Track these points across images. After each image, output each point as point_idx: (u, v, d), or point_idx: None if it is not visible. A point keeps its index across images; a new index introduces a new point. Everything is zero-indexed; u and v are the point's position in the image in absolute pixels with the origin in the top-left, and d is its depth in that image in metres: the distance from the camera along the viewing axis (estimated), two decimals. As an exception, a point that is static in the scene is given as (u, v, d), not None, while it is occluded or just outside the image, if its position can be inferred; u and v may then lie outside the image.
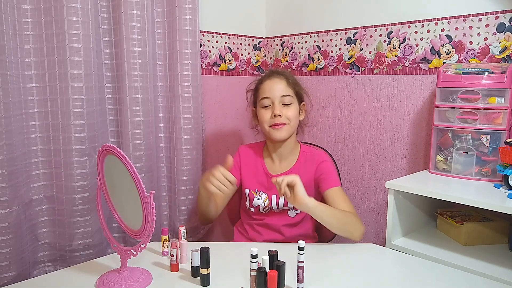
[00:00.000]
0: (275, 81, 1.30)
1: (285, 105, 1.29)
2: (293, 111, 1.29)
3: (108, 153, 0.91)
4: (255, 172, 1.36)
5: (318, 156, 1.33)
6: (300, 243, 0.87)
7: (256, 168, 1.36)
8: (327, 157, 1.36)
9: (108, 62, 1.45)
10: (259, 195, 1.33)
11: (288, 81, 1.31)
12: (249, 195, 1.34)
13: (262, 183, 1.34)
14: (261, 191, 1.34)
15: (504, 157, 1.14)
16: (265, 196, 1.33)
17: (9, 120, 1.18)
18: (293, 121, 1.29)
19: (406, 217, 1.28)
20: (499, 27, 1.30)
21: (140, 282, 0.92)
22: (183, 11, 1.52)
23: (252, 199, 1.34)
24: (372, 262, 1.08)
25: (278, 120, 1.27)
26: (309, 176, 1.30)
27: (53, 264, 1.38)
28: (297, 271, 0.89)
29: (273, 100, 1.28)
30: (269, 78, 1.32)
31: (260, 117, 1.31)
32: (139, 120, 1.46)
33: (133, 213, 0.90)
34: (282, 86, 1.29)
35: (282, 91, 1.29)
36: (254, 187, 1.34)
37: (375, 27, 1.60)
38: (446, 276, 0.99)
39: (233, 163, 1.29)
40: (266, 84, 1.31)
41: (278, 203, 1.31)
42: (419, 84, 1.50)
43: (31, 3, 1.26)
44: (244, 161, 1.37)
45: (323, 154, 1.36)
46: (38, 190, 1.33)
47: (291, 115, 1.28)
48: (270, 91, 1.29)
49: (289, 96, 1.29)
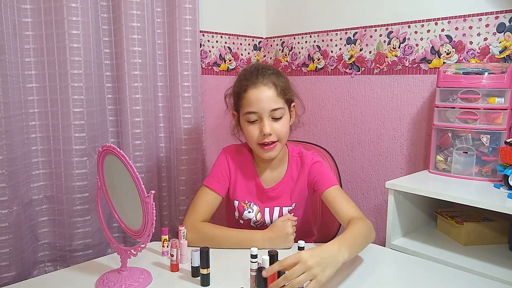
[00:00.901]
0: (262, 90, 1.08)
1: (275, 119, 1.10)
2: (285, 125, 1.11)
3: (108, 153, 0.91)
4: (246, 181, 1.20)
5: (307, 158, 1.19)
6: (300, 243, 0.87)
7: (246, 177, 1.20)
8: (317, 157, 1.20)
9: (108, 62, 1.45)
10: (250, 207, 1.20)
11: (278, 90, 1.10)
12: (239, 207, 1.20)
13: (252, 193, 1.20)
14: (252, 203, 1.20)
15: (504, 157, 1.14)
16: (256, 208, 1.20)
17: (9, 120, 1.18)
18: (285, 137, 1.13)
19: (406, 217, 1.28)
20: (499, 27, 1.30)
21: (140, 282, 0.92)
22: (183, 11, 1.52)
23: (242, 212, 1.20)
24: (372, 262, 1.08)
25: (268, 139, 1.09)
26: (303, 181, 1.19)
27: (53, 264, 1.38)
28: (297, 271, 0.88)
29: (261, 115, 1.09)
30: (254, 86, 1.09)
31: (246, 133, 1.13)
32: (139, 120, 1.46)
33: (133, 213, 0.90)
34: (271, 97, 1.08)
35: (271, 105, 1.08)
36: (244, 198, 1.20)
37: (375, 27, 1.60)
38: (446, 276, 0.99)
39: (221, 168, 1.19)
40: (252, 93, 1.09)
41: (272, 217, 1.18)
42: (419, 84, 1.50)
43: (31, 3, 1.26)
44: (233, 167, 1.20)
45: (312, 155, 1.20)
46: (38, 190, 1.33)
47: (283, 130, 1.11)
48: (257, 105, 1.08)
49: (280, 109, 1.09)
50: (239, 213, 1.21)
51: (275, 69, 1.16)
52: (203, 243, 1.01)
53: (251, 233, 1.10)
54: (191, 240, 1.08)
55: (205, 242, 1.03)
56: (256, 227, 1.21)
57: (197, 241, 1.08)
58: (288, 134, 1.15)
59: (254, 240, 1.06)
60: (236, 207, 1.21)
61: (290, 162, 1.21)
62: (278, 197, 1.20)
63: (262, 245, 1.05)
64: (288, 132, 1.15)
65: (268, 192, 1.20)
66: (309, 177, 1.18)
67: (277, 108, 1.09)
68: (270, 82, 1.10)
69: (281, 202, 1.20)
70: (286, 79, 1.16)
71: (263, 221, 1.20)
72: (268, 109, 1.08)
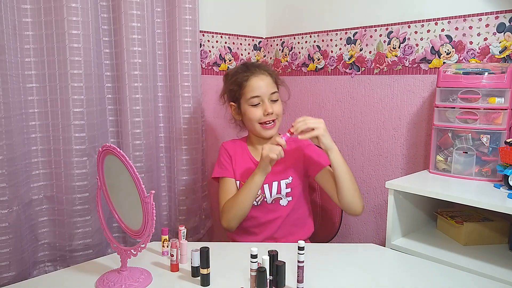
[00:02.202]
0: (261, 78, 1.30)
1: (272, 101, 1.30)
2: (280, 106, 1.32)
3: (108, 153, 0.91)
4: (243, 163, 1.35)
5: (300, 141, 1.30)
6: (300, 243, 0.87)
7: (243, 159, 1.36)
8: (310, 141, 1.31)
9: (108, 62, 1.45)
10: None
11: (273, 77, 1.33)
12: (240, 186, 1.33)
13: (250, 172, 1.29)
14: None
15: (504, 157, 1.14)
16: None
17: (9, 120, 1.18)
18: (281, 114, 1.32)
19: (406, 217, 1.28)
20: (499, 27, 1.30)
21: (140, 282, 0.92)
22: (183, 11, 1.52)
23: None
24: (372, 262, 1.08)
25: (270, 117, 1.28)
26: (299, 162, 1.32)
27: (53, 264, 1.38)
28: (297, 271, 0.89)
29: (262, 98, 1.28)
30: (255, 75, 1.31)
31: (250, 115, 1.30)
32: (139, 120, 1.46)
33: (133, 213, 0.90)
34: (269, 83, 1.30)
35: (270, 89, 1.30)
36: (244, 178, 1.31)
37: (375, 27, 1.60)
38: (446, 276, 0.99)
39: (223, 157, 1.35)
40: (254, 81, 1.30)
41: (271, 192, 1.30)
42: (419, 84, 1.50)
43: (31, 3, 1.26)
44: (232, 152, 1.36)
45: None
46: (38, 190, 1.33)
47: (280, 110, 1.31)
48: (259, 89, 1.29)
49: (276, 93, 1.31)
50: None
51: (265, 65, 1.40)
52: (235, 214, 1.25)
53: (251, 174, 1.25)
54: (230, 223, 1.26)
55: (234, 211, 1.25)
56: (257, 205, 1.31)
57: (233, 219, 1.26)
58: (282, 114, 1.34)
59: (254, 175, 1.23)
60: (238, 187, 1.33)
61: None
62: (273, 170, 1.26)
63: (261, 175, 1.22)
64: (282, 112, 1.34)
65: None
66: (305, 157, 1.33)
67: (274, 92, 1.30)
68: (266, 72, 1.32)
69: (277, 175, 1.30)
70: (274, 71, 1.40)
71: (263, 196, 1.31)
72: (268, 93, 1.29)
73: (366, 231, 1.70)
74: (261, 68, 1.32)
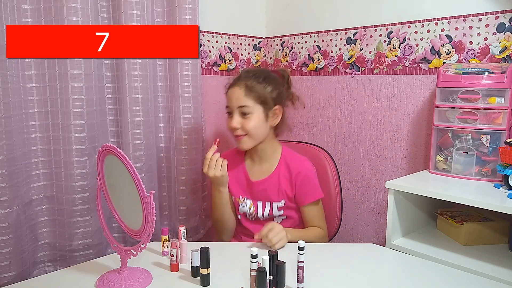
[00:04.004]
0: (234, 89, 1.26)
1: (243, 114, 1.24)
2: (252, 121, 1.24)
3: (108, 153, 0.91)
4: (237, 177, 1.34)
5: (295, 165, 1.29)
6: (300, 243, 0.87)
7: (237, 174, 1.35)
8: (304, 168, 1.30)
9: (108, 62, 1.45)
10: (244, 202, 1.33)
11: (248, 89, 1.24)
12: (234, 202, 1.35)
13: (244, 189, 1.34)
14: (245, 197, 1.33)
15: (504, 157, 1.14)
16: (249, 202, 1.33)
17: (9, 120, 1.18)
18: (253, 131, 1.25)
19: (406, 217, 1.28)
20: (499, 27, 1.30)
21: (140, 282, 0.92)
22: (183, 11, 1.52)
23: (237, 207, 1.34)
24: (372, 262, 1.08)
25: (236, 132, 1.26)
26: (288, 183, 1.29)
27: (53, 264, 1.38)
28: (297, 271, 0.89)
29: (232, 110, 1.26)
30: (231, 85, 1.29)
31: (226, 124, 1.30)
32: (139, 120, 1.46)
33: (133, 213, 0.90)
34: (239, 96, 1.24)
35: (239, 102, 1.24)
36: (238, 193, 1.34)
37: (375, 27, 1.60)
38: (446, 276, 0.99)
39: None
40: (229, 92, 1.29)
41: (263, 211, 1.31)
42: (419, 84, 1.50)
43: (31, 3, 1.26)
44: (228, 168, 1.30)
45: (301, 164, 1.30)
46: (38, 190, 1.33)
47: (249, 126, 1.24)
48: (230, 101, 1.27)
49: (247, 107, 1.23)
50: (235, 207, 1.35)
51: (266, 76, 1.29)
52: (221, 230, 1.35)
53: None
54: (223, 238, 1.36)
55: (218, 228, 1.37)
56: (252, 221, 1.33)
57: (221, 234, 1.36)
58: (258, 131, 1.26)
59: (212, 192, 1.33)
60: (233, 202, 1.35)
61: (281, 161, 1.32)
62: (266, 191, 1.29)
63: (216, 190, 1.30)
64: (258, 129, 1.26)
65: (256, 185, 1.31)
66: (295, 184, 1.29)
67: (243, 106, 1.24)
68: (243, 84, 1.25)
69: (270, 197, 1.30)
70: (272, 86, 1.27)
71: (256, 214, 1.32)
72: (236, 106, 1.25)
73: (366, 231, 1.70)
74: (242, 80, 1.27)
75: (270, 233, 1.11)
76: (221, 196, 1.30)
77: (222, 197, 1.30)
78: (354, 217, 1.73)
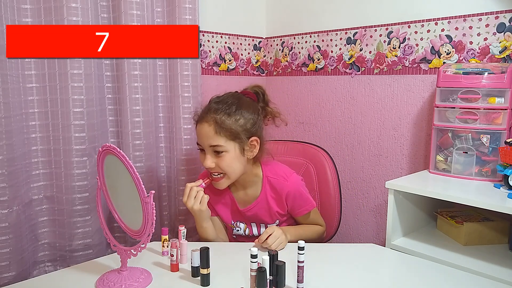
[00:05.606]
0: (203, 126, 1.15)
1: (217, 153, 1.15)
2: (227, 160, 1.14)
3: (108, 153, 0.91)
4: (226, 204, 1.29)
5: (281, 185, 1.23)
6: (300, 243, 0.87)
7: (225, 200, 1.29)
8: (291, 186, 1.23)
9: (108, 62, 1.45)
10: (237, 226, 1.30)
11: (218, 126, 1.13)
12: (228, 228, 1.32)
13: (234, 213, 1.30)
14: (238, 221, 1.30)
15: (504, 157, 1.14)
16: (243, 225, 1.30)
17: (9, 120, 1.18)
18: (230, 170, 1.16)
19: (406, 217, 1.28)
20: (499, 27, 1.30)
21: (140, 282, 0.92)
22: (183, 11, 1.52)
23: (231, 231, 1.32)
24: (372, 262, 1.08)
25: (212, 171, 1.17)
26: (277, 203, 1.25)
27: (53, 264, 1.38)
28: (297, 271, 0.89)
29: (204, 148, 1.16)
30: (199, 120, 1.17)
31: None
32: (139, 120, 1.46)
33: (133, 213, 0.90)
34: (209, 135, 1.13)
35: (209, 141, 1.14)
36: (229, 219, 1.30)
37: (375, 27, 1.60)
38: (446, 276, 0.99)
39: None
40: (198, 128, 1.17)
41: (259, 231, 1.28)
42: (419, 84, 1.50)
43: (31, 3, 1.26)
44: (211, 193, 1.24)
45: (287, 183, 1.23)
46: (38, 190, 1.33)
47: (224, 165, 1.15)
48: (200, 139, 1.17)
49: (219, 146, 1.13)
50: (229, 232, 1.33)
51: (237, 105, 1.17)
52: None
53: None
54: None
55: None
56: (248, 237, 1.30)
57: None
58: (235, 168, 1.17)
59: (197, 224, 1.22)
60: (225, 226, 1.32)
61: (265, 183, 1.25)
62: (257, 215, 1.27)
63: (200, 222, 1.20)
64: (235, 166, 1.17)
65: (245, 212, 1.27)
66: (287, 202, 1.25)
67: (215, 145, 1.14)
68: (212, 120, 1.14)
69: (263, 219, 1.28)
70: (245, 117, 1.16)
71: (252, 234, 1.29)
72: (207, 145, 1.15)
73: (366, 231, 1.70)
74: (210, 114, 1.14)
75: (270, 238, 1.09)
76: (206, 232, 1.20)
77: (207, 232, 1.21)
78: (354, 217, 1.73)
